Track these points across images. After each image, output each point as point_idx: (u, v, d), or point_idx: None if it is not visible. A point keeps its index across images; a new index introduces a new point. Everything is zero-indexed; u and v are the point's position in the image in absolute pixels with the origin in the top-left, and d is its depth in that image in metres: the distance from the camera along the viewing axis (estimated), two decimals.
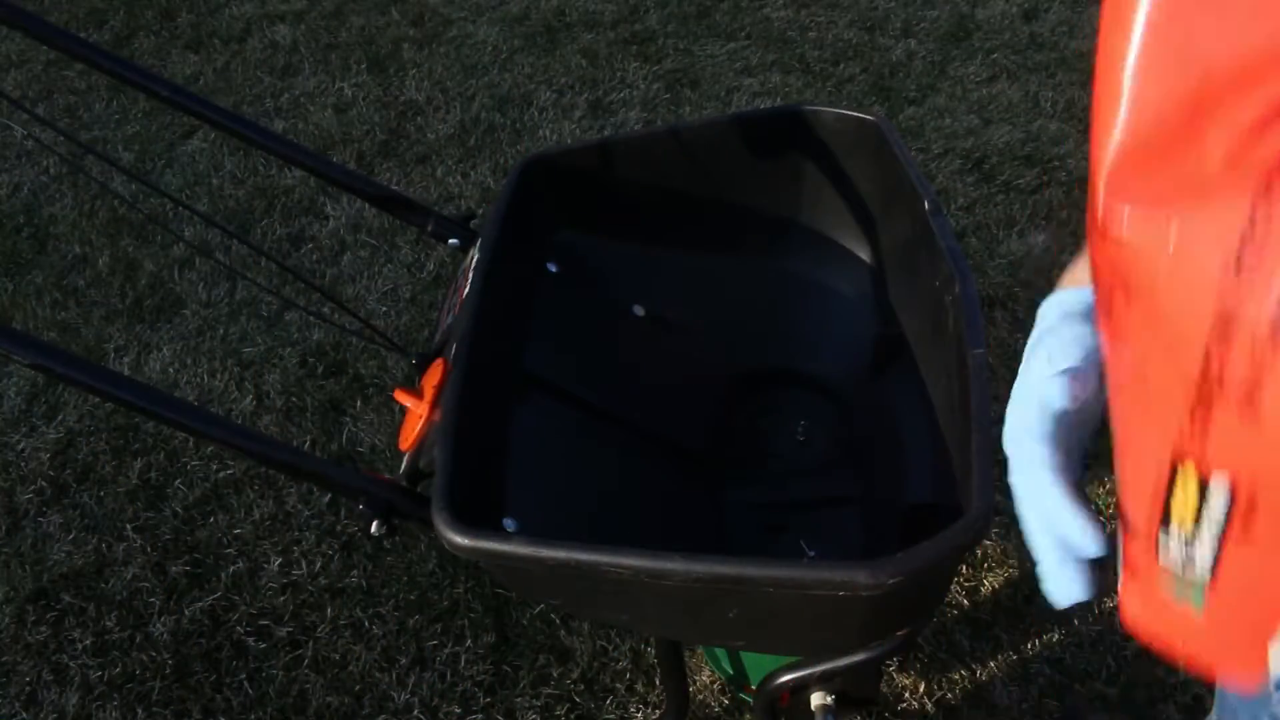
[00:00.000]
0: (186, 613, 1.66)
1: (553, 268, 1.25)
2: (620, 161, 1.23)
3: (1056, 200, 2.24)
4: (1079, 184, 2.27)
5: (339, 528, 1.75)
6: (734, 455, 1.27)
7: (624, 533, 1.14)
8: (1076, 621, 1.54)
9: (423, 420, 0.96)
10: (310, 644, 1.60)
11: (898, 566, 0.74)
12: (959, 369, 0.94)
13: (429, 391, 0.97)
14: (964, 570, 1.61)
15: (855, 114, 1.15)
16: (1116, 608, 1.50)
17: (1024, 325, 1.97)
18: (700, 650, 1.50)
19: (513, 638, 1.58)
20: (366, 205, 2.37)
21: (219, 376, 2.04)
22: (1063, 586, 0.53)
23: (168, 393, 1.03)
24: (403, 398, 0.98)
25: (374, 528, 0.92)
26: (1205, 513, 0.45)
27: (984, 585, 1.60)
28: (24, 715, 1.57)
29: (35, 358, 0.84)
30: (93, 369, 0.87)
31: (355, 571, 1.69)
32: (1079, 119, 2.46)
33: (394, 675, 1.55)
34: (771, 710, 1.11)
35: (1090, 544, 0.51)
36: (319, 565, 1.70)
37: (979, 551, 1.62)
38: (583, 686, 1.51)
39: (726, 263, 1.27)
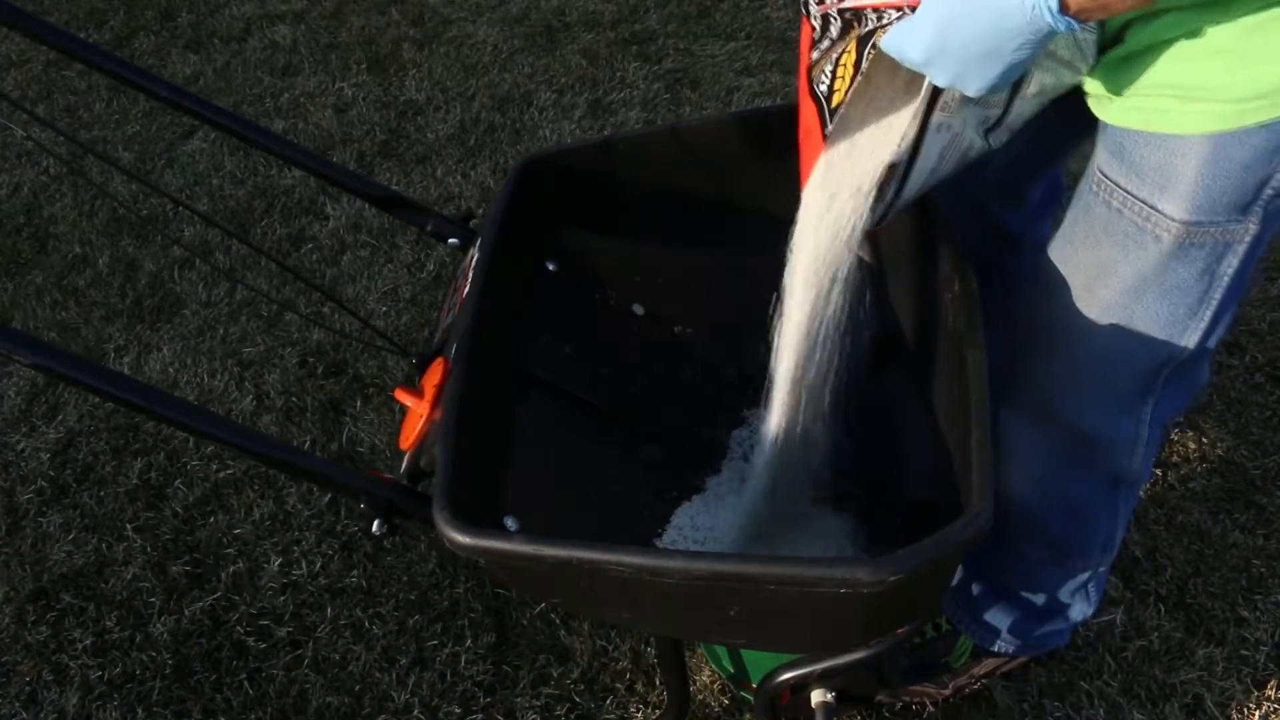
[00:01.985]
0: (186, 613, 1.66)
1: (552, 267, 1.25)
2: (619, 160, 1.23)
3: None
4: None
5: (339, 528, 1.75)
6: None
7: (624, 531, 1.14)
8: None
9: (423, 419, 0.96)
10: (310, 644, 1.60)
11: (899, 564, 0.74)
12: (959, 367, 0.94)
13: (429, 390, 0.97)
14: None
15: None
16: (1114, 608, 1.49)
17: None
18: (700, 649, 1.50)
19: (513, 638, 1.58)
20: (366, 205, 2.37)
21: (219, 376, 2.04)
22: None
23: (168, 392, 1.03)
24: (403, 397, 0.98)
25: (375, 527, 0.92)
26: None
27: None
28: (24, 715, 1.57)
29: (36, 357, 0.84)
30: (93, 368, 0.87)
31: (355, 571, 1.69)
32: None
33: (394, 675, 1.55)
34: (772, 708, 1.11)
35: None
36: (319, 565, 1.70)
37: None
38: (583, 686, 1.51)
39: (726, 261, 1.27)
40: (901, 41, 0.80)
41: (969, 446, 0.85)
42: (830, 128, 0.89)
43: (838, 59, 0.88)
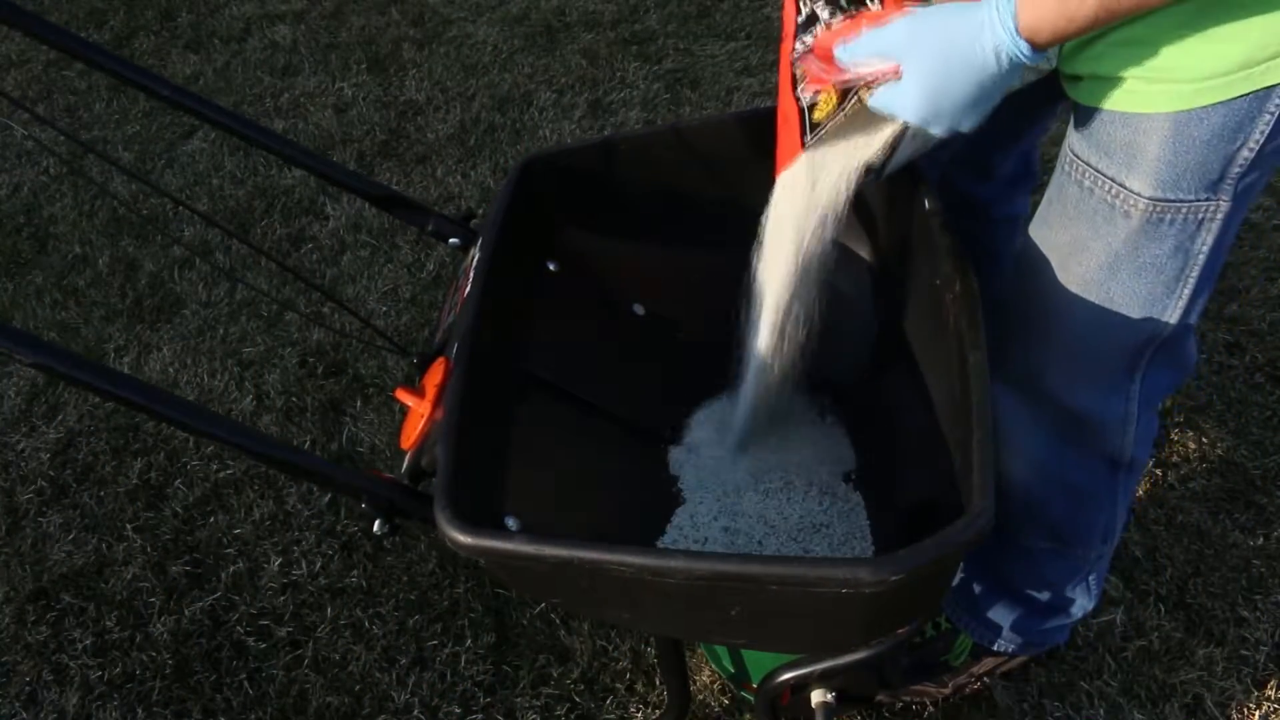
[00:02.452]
0: (186, 613, 1.66)
1: (553, 267, 1.25)
2: (620, 160, 1.23)
3: None
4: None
5: (339, 528, 1.75)
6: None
7: (625, 531, 1.14)
8: None
9: (425, 419, 0.96)
10: (310, 644, 1.60)
11: (901, 564, 0.74)
12: (959, 367, 0.94)
13: (431, 390, 0.97)
14: None
15: None
16: (1114, 608, 1.49)
17: None
18: (700, 649, 1.50)
19: (513, 638, 1.58)
20: (366, 205, 2.38)
21: (219, 376, 2.04)
22: None
23: (170, 392, 1.03)
24: (405, 397, 0.98)
25: (376, 527, 0.92)
26: None
27: None
28: (24, 715, 1.57)
29: (37, 356, 0.84)
30: (94, 368, 0.87)
31: (355, 571, 1.69)
32: None
33: (394, 675, 1.55)
34: (772, 708, 1.11)
35: None
36: (319, 565, 1.70)
37: None
38: (583, 686, 1.51)
39: (727, 261, 1.27)
40: (893, 105, 0.86)
41: (970, 446, 0.85)
42: (810, 139, 0.94)
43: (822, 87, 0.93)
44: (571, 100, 2.70)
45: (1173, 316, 1.01)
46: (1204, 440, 1.75)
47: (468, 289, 1.05)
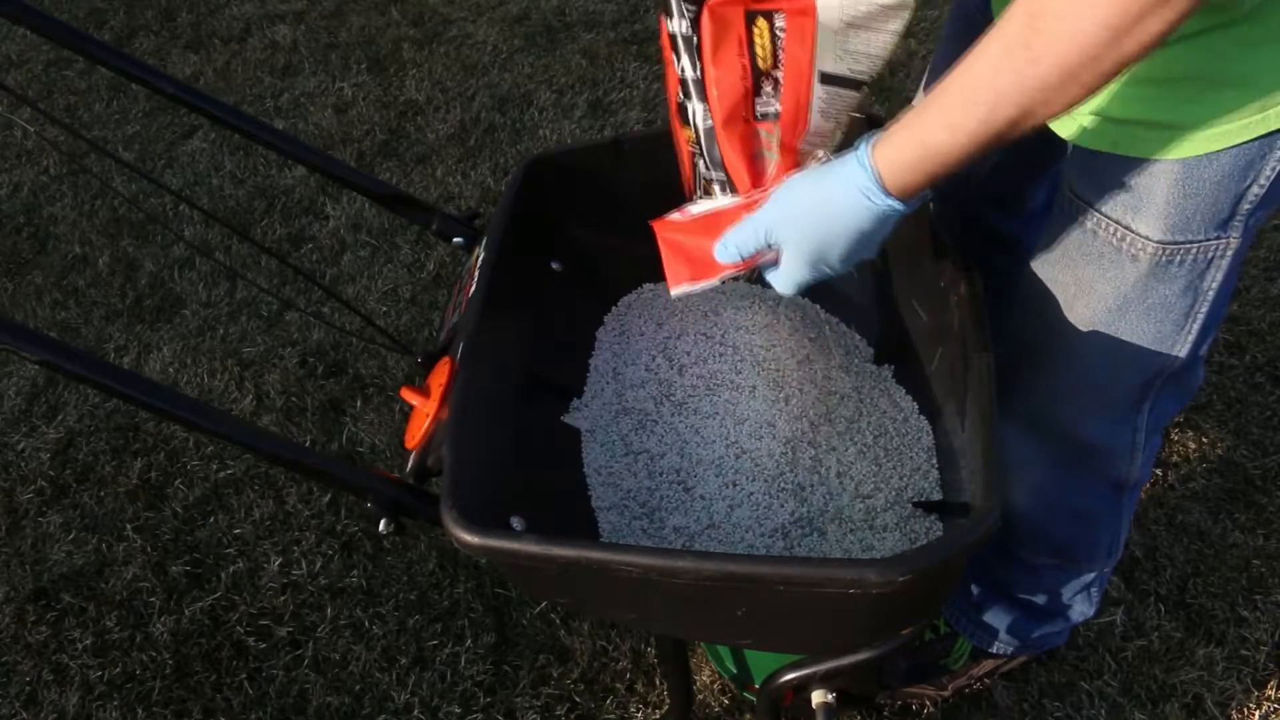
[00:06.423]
0: (186, 613, 1.66)
1: (557, 266, 1.25)
2: (625, 160, 1.23)
3: None
4: None
5: (339, 528, 1.75)
6: None
7: None
8: None
9: (430, 419, 0.95)
10: (310, 644, 1.60)
11: (908, 565, 0.74)
12: (964, 369, 0.94)
13: (436, 390, 0.97)
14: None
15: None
16: (1114, 608, 1.49)
17: None
18: (702, 649, 1.50)
19: (513, 638, 1.58)
20: (366, 205, 2.38)
21: (219, 376, 2.04)
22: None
23: (177, 390, 1.03)
24: (410, 396, 0.98)
25: (382, 526, 0.91)
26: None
27: None
28: (24, 715, 1.56)
29: (43, 354, 0.83)
30: (103, 366, 0.86)
31: (355, 571, 1.68)
32: None
33: (394, 675, 1.55)
34: (774, 709, 1.11)
35: None
36: (319, 565, 1.70)
37: None
38: (583, 686, 1.51)
39: None
40: (783, 286, 0.91)
41: (975, 448, 0.85)
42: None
43: None
44: (571, 100, 2.70)
45: (1182, 351, 0.99)
46: (1204, 440, 1.76)
47: (472, 288, 1.05)
